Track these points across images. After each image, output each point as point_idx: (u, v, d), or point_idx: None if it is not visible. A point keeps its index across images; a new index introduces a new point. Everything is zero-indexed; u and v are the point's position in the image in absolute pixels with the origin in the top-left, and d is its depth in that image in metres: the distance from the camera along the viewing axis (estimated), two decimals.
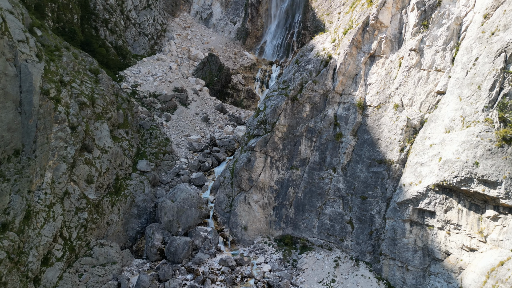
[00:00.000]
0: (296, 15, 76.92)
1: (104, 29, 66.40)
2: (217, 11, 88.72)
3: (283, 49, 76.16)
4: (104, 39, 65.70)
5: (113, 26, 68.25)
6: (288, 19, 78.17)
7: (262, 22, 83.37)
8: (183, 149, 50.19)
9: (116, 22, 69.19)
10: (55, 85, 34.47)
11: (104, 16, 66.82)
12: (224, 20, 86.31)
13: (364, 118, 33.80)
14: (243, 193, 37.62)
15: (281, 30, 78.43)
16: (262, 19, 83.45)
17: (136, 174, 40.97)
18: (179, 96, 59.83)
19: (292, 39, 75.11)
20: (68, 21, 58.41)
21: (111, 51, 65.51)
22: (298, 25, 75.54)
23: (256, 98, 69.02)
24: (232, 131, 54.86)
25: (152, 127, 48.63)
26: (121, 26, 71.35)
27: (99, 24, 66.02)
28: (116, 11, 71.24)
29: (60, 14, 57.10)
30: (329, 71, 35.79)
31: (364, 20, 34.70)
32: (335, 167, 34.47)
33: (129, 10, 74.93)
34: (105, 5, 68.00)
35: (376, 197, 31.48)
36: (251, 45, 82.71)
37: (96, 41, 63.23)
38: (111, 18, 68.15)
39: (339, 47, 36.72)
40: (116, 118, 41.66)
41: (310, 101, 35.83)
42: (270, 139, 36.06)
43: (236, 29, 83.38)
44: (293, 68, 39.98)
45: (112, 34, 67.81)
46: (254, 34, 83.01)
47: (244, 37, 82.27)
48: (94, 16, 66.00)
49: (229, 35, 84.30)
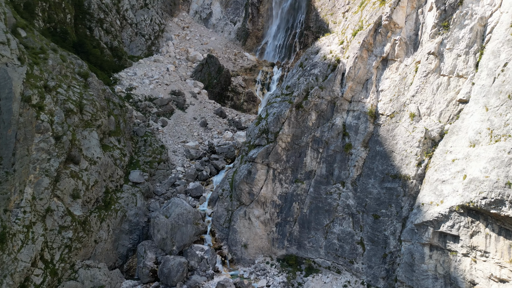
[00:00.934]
0: (298, 15, 73.55)
1: (99, 29, 63.06)
2: (217, 11, 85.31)
3: (284, 50, 72.80)
4: (99, 39, 62.36)
5: (109, 26, 64.88)
6: (290, 19, 74.78)
7: (263, 22, 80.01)
8: (179, 157, 46.90)
9: (112, 22, 65.82)
10: (38, 91, 31.17)
11: (99, 15, 63.45)
12: (224, 20, 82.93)
13: (376, 128, 30.50)
14: (243, 208, 34.35)
15: (283, 30, 75.06)
16: (263, 19, 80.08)
17: (128, 186, 37.67)
18: (176, 99, 56.53)
19: (294, 40, 71.75)
20: (60, 21, 55.07)
21: (106, 52, 62.19)
22: (300, 25, 72.17)
23: (257, 101, 65.69)
24: (231, 137, 51.57)
25: (147, 134, 45.33)
26: (117, 26, 68.00)
27: (93, 24, 62.68)
28: (112, 11, 67.86)
29: (51, 14, 53.75)
30: (337, 76, 32.48)
31: (376, 20, 31.37)
32: (344, 181, 31.18)
33: (126, 10, 71.55)
34: (100, 4, 64.62)
35: (391, 216, 28.20)
36: (251, 46, 79.36)
37: (90, 42, 59.91)
38: (106, 18, 64.79)
39: (347, 50, 33.39)
40: (107, 125, 38.35)
41: (317, 108, 32.54)
42: (272, 150, 32.77)
43: (236, 30, 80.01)
44: (297, 72, 36.65)
45: (107, 35, 64.47)
46: (254, 34, 79.65)
47: (244, 38, 78.92)
48: (89, 15, 62.64)
49: (229, 36, 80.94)
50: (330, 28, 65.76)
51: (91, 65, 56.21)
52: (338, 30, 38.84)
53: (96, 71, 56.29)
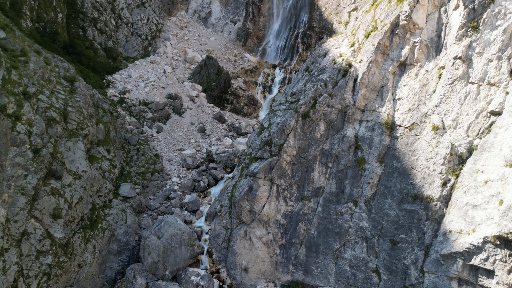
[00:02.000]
0: (301, 14, 69.82)
1: (92, 29, 59.31)
2: (216, 10, 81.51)
3: (287, 51, 69.10)
4: (92, 40, 58.63)
5: (103, 26, 61.15)
6: (293, 18, 71.04)
7: (264, 22, 76.25)
8: (175, 166, 43.25)
9: (106, 22, 62.08)
10: (16, 98, 27.52)
11: (93, 15, 59.72)
12: (223, 20, 79.16)
13: (392, 140, 26.87)
14: (243, 227, 30.75)
15: (285, 30, 71.33)
16: (264, 19, 76.33)
17: (118, 201, 34.04)
18: (173, 103, 52.86)
19: (297, 40, 68.04)
20: (50, 21, 51.31)
21: (100, 53, 58.48)
22: (303, 25, 68.46)
23: (258, 105, 62.01)
24: (231, 144, 47.93)
25: (140, 142, 41.66)
26: (112, 25, 64.28)
27: (87, 23, 58.95)
28: (107, 10, 64.13)
29: (40, 13, 49.99)
30: (348, 82, 28.82)
31: (393, 20, 27.70)
32: (356, 200, 27.57)
33: (121, 9, 67.81)
34: (94, 3, 60.86)
35: (411, 242, 24.59)
36: (252, 46, 75.63)
37: (83, 42, 56.16)
38: (100, 17, 61.05)
39: (359, 53, 29.74)
40: (94, 134, 34.69)
41: (325, 118, 28.90)
42: (276, 164, 29.14)
43: (237, 29, 76.26)
44: (303, 77, 32.99)
45: (101, 35, 60.73)
46: (255, 34, 75.91)
47: (245, 38, 75.17)
48: (82, 14, 58.88)
49: (229, 36, 77.19)
50: (335, 28, 62.08)
51: (83, 67, 52.56)
52: (347, 31, 35.16)
53: (88, 73, 52.66)
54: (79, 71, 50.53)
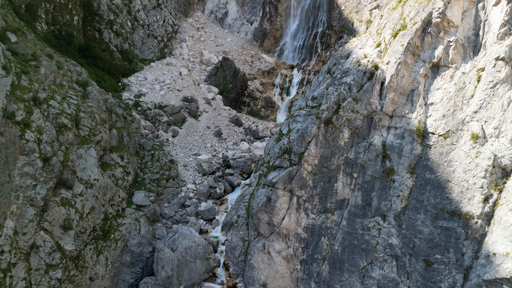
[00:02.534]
0: (320, 13, 67.33)
1: (108, 32, 58.46)
2: (233, 10, 79.81)
3: (305, 51, 66.75)
4: (108, 42, 57.81)
5: (119, 28, 60.24)
6: (311, 18, 68.61)
7: (282, 22, 74.07)
8: (191, 172, 41.69)
9: (122, 24, 61.17)
10: (25, 104, 26.33)
11: (109, 17, 58.88)
12: (240, 20, 77.39)
13: (425, 149, 24.40)
14: (261, 239, 28.83)
15: (303, 30, 68.97)
16: (281, 18, 74.14)
17: (131, 210, 32.64)
18: (189, 107, 51.37)
19: (315, 40, 65.60)
20: (65, 23, 50.59)
21: (116, 56, 57.60)
22: (322, 25, 65.96)
23: (275, 107, 59.94)
24: (248, 149, 46.06)
25: (155, 147, 40.26)
26: (128, 27, 63.37)
27: (103, 26, 58.12)
28: (123, 12, 63.27)
29: (56, 16, 49.29)
30: (375, 86, 26.47)
31: (425, 18, 25.18)
32: (384, 214, 25.23)
33: (137, 10, 66.88)
34: (110, 5, 60.02)
35: (448, 264, 22.12)
36: (269, 47, 73.58)
37: (99, 45, 55.36)
38: (116, 19, 60.17)
39: (386, 54, 27.33)
40: (107, 140, 33.40)
41: (350, 125, 26.64)
42: (296, 174, 27.07)
43: (253, 30, 74.36)
44: (324, 79, 30.78)
45: (117, 37, 59.84)
46: (272, 34, 73.82)
47: (261, 38, 73.20)
48: (98, 17, 58.10)
49: (246, 36, 75.36)
50: (355, 27, 59.41)
51: (98, 70, 51.68)
52: (372, 30, 32.71)
53: (103, 76, 51.75)
54: (94, 74, 49.67)
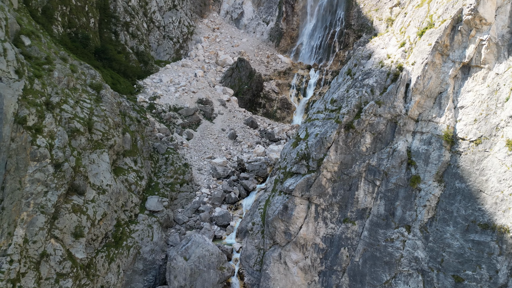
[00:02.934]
0: (338, 12, 65.39)
1: (124, 33, 58.14)
2: (249, 10, 78.63)
3: (322, 51, 64.94)
4: (124, 44, 57.47)
5: (135, 30, 59.87)
6: (328, 16, 66.75)
7: (298, 21, 72.43)
8: (205, 176, 40.68)
9: (138, 26, 60.81)
10: (37, 109, 25.76)
11: (125, 19, 58.56)
12: (256, 20, 76.15)
13: (454, 156, 22.58)
14: (277, 248, 27.49)
15: (320, 29, 67.18)
16: (298, 18, 72.51)
17: (144, 215, 31.81)
18: (204, 109, 50.44)
19: (333, 40, 63.71)
20: (82, 26, 50.36)
21: (132, 58, 57.24)
22: (340, 23, 64.02)
23: (292, 108, 58.41)
24: (263, 152, 44.76)
25: (169, 151, 39.39)
26: (144, 29, 62.99)
27: (119, 28, 57.83)
28: (139, 13, 62.91)
29: (72, 18, 49.09)
30: (399, 88, 24.74)
31: (455, 15, 23.33)
32: (409, 225, 23.51)
33: (153, 12, 66.45)
34: (127, 7, 59.73)
35: (480, 281, 20.30)
36: (285, 47, 72.07)
37: (115, 47, 55.11)
38: (132, 21, 59.82)
39: (412, 54, 25.55)
40: (121, 144, 32.67)
41: (372, 129, 24.99)
42: (315, 182, 25.59)
43: (269, 30, 72.98)
44: (344, 81, 29.18)
45: (133, 39, 59.47)
46: (289, 34, 72.28)
47: (277, 38, 71.75)
48: (114, 19, 57.83)
49: (261, 36, 74.06)
50: (375, 26, 57.30)
51: (114, 73, 51.36)
52: (394, 28, 30.91)
53: (119, 78, 51.38)
54: (110, 76, 49.32)
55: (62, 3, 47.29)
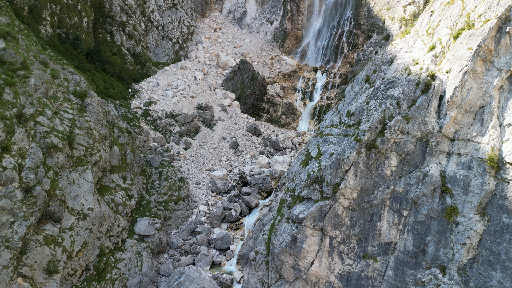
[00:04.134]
0: (346, 11, 61.05)
1: (120, 34, 54.07)
2: (252, 9, 74.40)
3: (329, 52, 60.65)
4: (120, 45, 53.43)
5: (132, 30, 55.79)
6: (336, 16, 62.43)
7: (304, 21, 68.13)
8: (203, 190, 36.59)
9: (135, 25, 56.71)
10: (5, 123, 21.74)
11: (121, 18, 54.47)
12: (259, 20, 71.90)
13: (500, 185, 18.37)
14: (284, 284, 23.37)
15: (327, 29, 62.86)
16: (303, 17, 68.21)
17: (133, 241, 27.76)
18: (203, 115, 46.34)
19: (341, 40, 59.39)
20: (73, 26, 46.29)
21: (128, 59, 53.21)
22: (348, 23, 59.70)
23: (297, 113, 54.20)
24: (267, 163, 40.61)
25: (163, 164, 35.27)
26: (141, 29, 58.89)
27: (115, 28, 53.74)
28: (136, 13, 58.80)
29: (62, 18, 45.03)
30: (431, 101, 20.52)
31: (502, 13, 19.03)
32: (444, 265, 19.34)
33: (152, 11, 62.35)
34: (123, 5, 55.61)
35: None
36: (290, 47, 67.83)
37: (109, 48, 51.08)
38: (129, 21, 55.72)
39: (445, 60, 21.31)
40: (107, 160, 28.62)
41: (399, 149, 20.80)
42: (330, 211, 21.44)
43: (273, 30, 68.75)
44: (362, 90, 24.95)
45: (130, 39, 55.40)
46: (294, 34, 68.03)
47: (282, 39, 67.52)
48: (110, 18, 53.74)
49: (265, 37, 69.85)
50: (387, 26, 52.93)
51: (107, 76, 47.33)
52: (418, 29, 26.62)
53: (112, 82, 47.36)
54: (102, 80, 45.31)
55: (52, 1, 43.27)
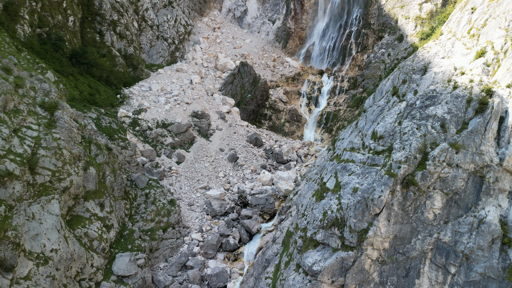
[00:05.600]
0: (354, 9, 55.80)
1: (111, 34, 48.88)
2: (253, 8, 69.10)
3: (336, 54, 55.43)
4: (110, 46, 48.24)
5: (123, 30, 50.59)
6: (343, 14, 57.17)
7: (308, 20, 62.88)
8: (197, 213, 31.54)
9: (127, 25, 51.51)
10: None
11: (112, 17, 49.23)
12: (260, 19, 66.66)
13: None
14: None
15: (334, 29, 57.62)
16: (308, 16, 62.96)
17: (110, 284, 22.71)
18: (199, 124, 41.23)
19: (349, 41, 54.16)
20: (56, 25, 41.07)
21: (119, 61, 48.06)
22: (356, 22, 54.46)
23: (302, 121, 49.08)
24: (270, 180, 35.53)
25: (151, 184, 30.18)
26: (134, 29, 53.68)
27: (105, 27, 48.56)
28: (128, 11, 53.55)
29: (44, 16, 39.81)
30: (490, 125, 15.42)
31: None
32: None
33: (146, 9, 57.08)
34: (114, 3, 50.34)
35: None
36: (294, 48, 62.62)
37: (98, 49, 45.92)
38: (121, 20, 50.50)
39: (500, 69, 16.23)
40: (80, 184, 23.53)
41: (445, 187, 15.73)
42: (354, 265, 16.39)
43: (276, 29, 63.52)
44: (390, 105, 19.82)
45: (121, 40, 50.22)
46: (297, 34, 62.80)
47: (285, 39, 62.31)
48: (100, 17, 48.52)
49: (267, 37, 64.61)
50: (400, 25, 47.71)
51: (93, 80, 42.14)
52: (455, 30, 21.45)
53: (98, 87, 42.17)
54: (87, 85, 40.17)
55: None
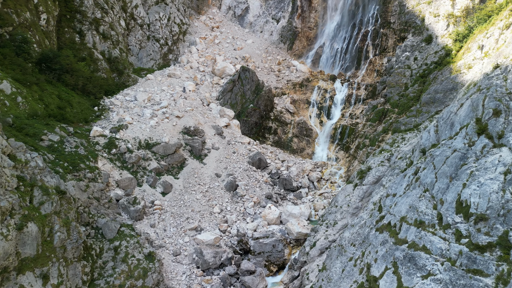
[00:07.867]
0: (371, 6, 47.81)
1: (92, 34, 41.21)
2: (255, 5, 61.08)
3: (350, 57, 47.54)
4: (92, 48, 40.62)
5: (107, 29, 42.92)
6: (358, 12, 49.21)
7: (317, 18, 54.90)
8: (184, 266, 23.94)
9: (113, 24, 43.83)
10: None
11: (94, 14, 41.57)
12: (263, 17, 58.71)
13: None
14: None
15: (347, 28, 49.67)
16: (316, 14, 54.96)
17: None
18: (191, 142, 33.54)
19: (365, 42, 46.24)
20: (22, 24, 33.41)
21: (101, 66, 40.43)
22: (373, 21, 46.51)
23: (313, 135, 41.27)
24: (277, 217, 27.82)
25: (122, 233, 22.50)
26: (121, 28, 46.03)
27: (86, 26, 40.89)
28: (114, 8, 45.82)
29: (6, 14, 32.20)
30: None
31: None
32: None
33: (135, 6, 49.39)
34: None
35: None
36: (300, 50, 54.71)
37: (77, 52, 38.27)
38: (104, 18, 42.82)
39: None
40: (11, 252, 15.96)
41: None
42: None
43: (280, 29, 55.56)
44: (477, 152, 12.09)
45: (104, 41, 42.54)
46: (305, 35, 54.86)
47: (291, 40, 54.39)
48: (80, 15, 40.80)
49: (271, 37, 56.70)
50: (427, 24, 39.75)
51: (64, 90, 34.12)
52: None
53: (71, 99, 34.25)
54: (56, 96, 32.45)
55: None
